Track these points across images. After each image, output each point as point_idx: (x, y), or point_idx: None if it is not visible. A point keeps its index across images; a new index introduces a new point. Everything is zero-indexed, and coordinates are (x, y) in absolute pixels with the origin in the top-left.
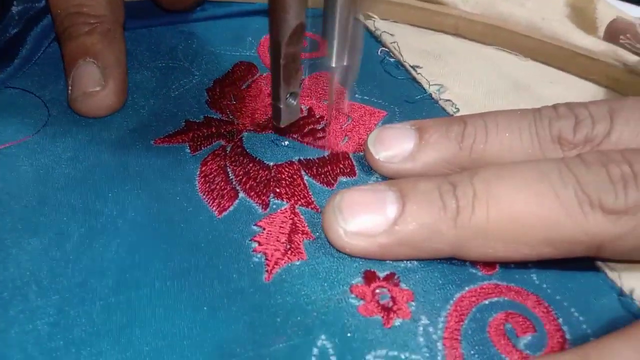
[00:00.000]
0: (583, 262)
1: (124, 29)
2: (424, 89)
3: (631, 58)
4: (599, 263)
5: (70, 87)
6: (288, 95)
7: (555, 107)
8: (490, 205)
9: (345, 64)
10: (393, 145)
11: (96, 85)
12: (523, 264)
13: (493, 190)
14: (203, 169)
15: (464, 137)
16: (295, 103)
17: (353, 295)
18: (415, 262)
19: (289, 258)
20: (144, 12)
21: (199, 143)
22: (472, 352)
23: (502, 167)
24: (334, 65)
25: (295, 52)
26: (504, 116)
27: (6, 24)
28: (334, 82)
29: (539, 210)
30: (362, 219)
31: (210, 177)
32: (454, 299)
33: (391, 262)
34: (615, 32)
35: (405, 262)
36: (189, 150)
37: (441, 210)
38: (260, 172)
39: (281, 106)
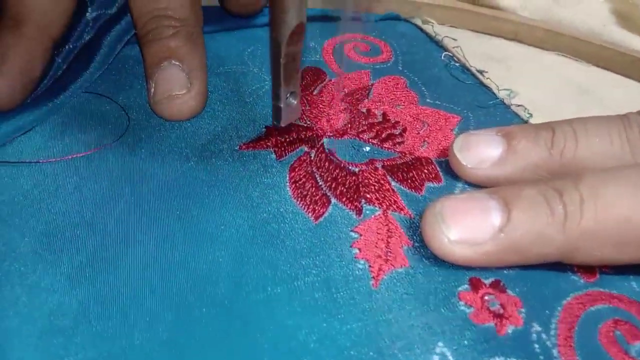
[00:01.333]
0: None
1: None
2: (493, 93)
3: None
4: None
5: (152, 89)
6: (288, 95)
7: None
8: (599, 209)
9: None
10: (480, 152)
11: (182, 88)
12: (622, 272)
13: (600, 195)
14: (292, 174)
15: (553, 143)
16: (295, 102)
17: (462, 303)
18: (517, 270)
19: (392, 265)
20: (208, 17)
21: (282, 149)
22: (586, 359)
23: (605, 172)
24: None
25: (295, 51)
26: (592, 122)
27: (81, 30)
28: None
29: None
30: (467, 227)
31: (300, 182)
32: (562, 305)
33: (493, 269)
34: None
35: (507, 269)
36: (274, 156)
37: (549, 216)
38: (348, 177)
39: (281, 106)
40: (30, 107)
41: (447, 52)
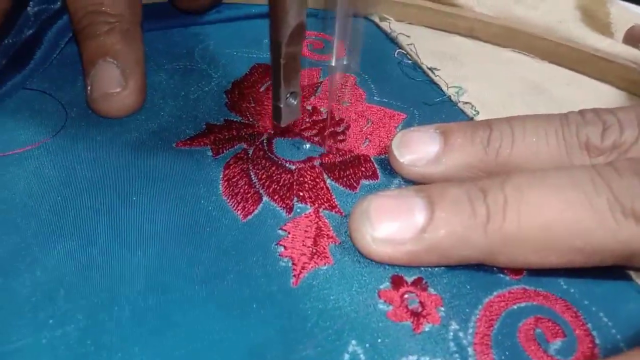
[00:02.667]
0: (610, 267)
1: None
2: (442, 91)
3: None
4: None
5: (89, 88)
6: (288, 95)
7: (582, 112)
8: (522, 212)
9: (345, 62)
10: (418, 149)
11: (117, 86)
12: (551, 269)
13: (524, 198)
14: (226, 172)
15: (489, 141)
16: (295, 103)
17: (381, 301)
18: (443, 267)
19: (315, 262)
20: (160, 13)
21: (220, 146)
22: (502, 357)
23: (533, 174)
24: (333, 64)
25: (296, 51)
26: (530, 121)
27: (22, 24)
28: (334, 81)
29: (571, 218)
30: (390, 225)
31: (233, 180)
32: (483, 304)
33: (418, 267)
34: (633, 39)
35: (432, 267)
36: (211, 154)
37: (471, 217)
38: (283, 175)
39: (281, 106)
40: None
41: (400, 50)
